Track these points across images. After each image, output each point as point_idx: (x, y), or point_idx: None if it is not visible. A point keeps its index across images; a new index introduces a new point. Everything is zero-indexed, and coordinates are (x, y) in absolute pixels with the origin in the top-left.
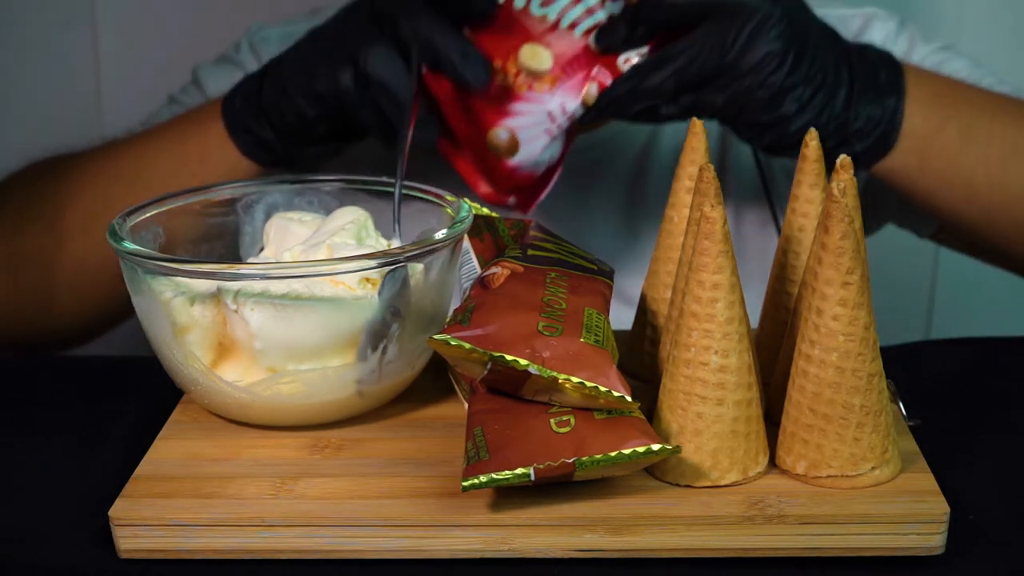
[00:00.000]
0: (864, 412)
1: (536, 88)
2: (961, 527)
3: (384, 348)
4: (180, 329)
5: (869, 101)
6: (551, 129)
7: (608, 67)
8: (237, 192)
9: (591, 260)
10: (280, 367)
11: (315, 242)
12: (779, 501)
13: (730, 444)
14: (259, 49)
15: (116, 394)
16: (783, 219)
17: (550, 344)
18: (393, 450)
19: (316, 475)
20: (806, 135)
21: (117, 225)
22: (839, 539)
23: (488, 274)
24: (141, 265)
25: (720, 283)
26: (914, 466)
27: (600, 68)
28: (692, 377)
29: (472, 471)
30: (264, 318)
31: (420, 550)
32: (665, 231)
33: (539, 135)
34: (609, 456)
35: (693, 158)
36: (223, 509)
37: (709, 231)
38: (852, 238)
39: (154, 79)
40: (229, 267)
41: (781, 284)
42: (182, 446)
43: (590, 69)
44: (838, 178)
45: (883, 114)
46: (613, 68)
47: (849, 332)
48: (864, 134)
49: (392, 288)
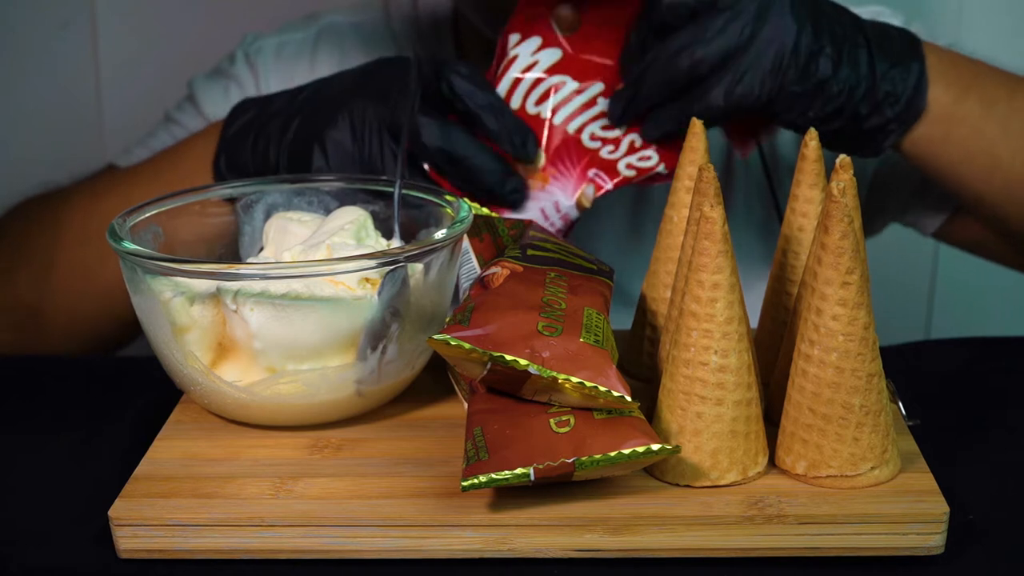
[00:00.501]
0: (864, 412)
1: (531, 184)
2: (961, 527)
3: (384, 348)
4: (180, 329)
5: (892, 65)
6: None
7: (607, 170)
8: (237, 192)
9: (591, 260)
10: (280, 367)
11: (315, 242)
12: (779, 501)
13: (730, 444)
14: (254, 60)
15: (116, 394)
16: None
17: (550, 344)
18: (393, 450)
19: (316, 475)
20: (806, 135)
21: (117, 225)
22: (839, 539)
23: (488, 274)
24: (141, 265)
25: (720, 283)
26: (914, 466)
27: (598, 171)
28: (692, 377)
29: (472, 471)
30: (264, 318)
31: (420, 550)
32: (665, 231)
33: None
34: (609, 456)
35: (693, 158)
36: (223, 509)
37: (709, 231)
38: (852, 238)
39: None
40: (229, 267)
41: (781, 284)
42: (182, 446)
43: (586, 170)
44: (838, 178)
45: (908, 77)
46: (612, 171)
47: (849, 332)
48: (894, 98)
49: (392, 288)
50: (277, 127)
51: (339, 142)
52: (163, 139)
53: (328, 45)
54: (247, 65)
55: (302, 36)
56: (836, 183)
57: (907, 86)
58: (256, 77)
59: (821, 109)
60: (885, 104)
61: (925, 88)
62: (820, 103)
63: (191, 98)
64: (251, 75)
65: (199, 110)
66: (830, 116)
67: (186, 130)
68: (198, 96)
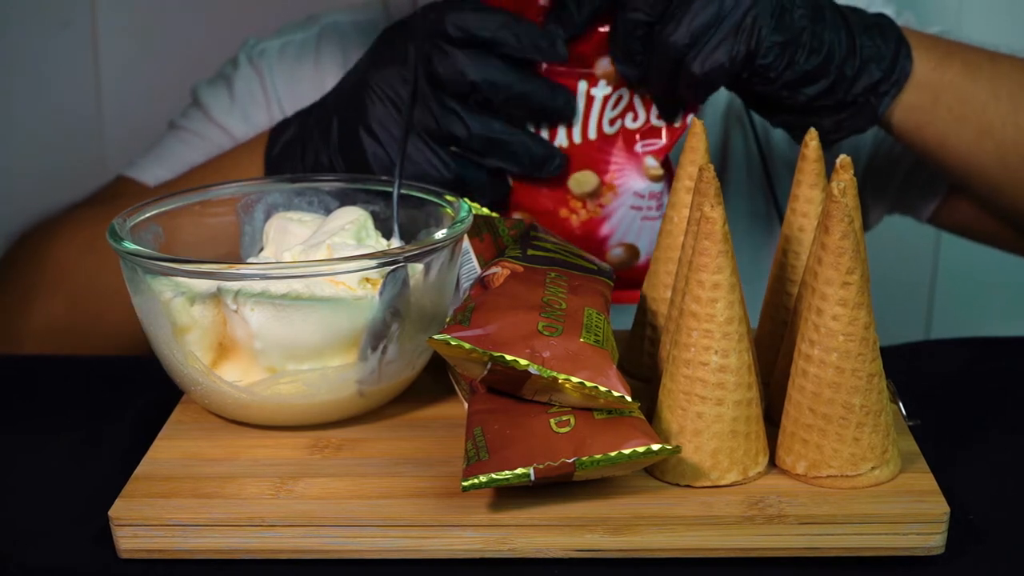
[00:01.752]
0: (864, 412)
1: (604, 201)
2: (961, 527)
3: (384, 348)
4: (180, 329)
5: (867, 28)
6: (649, 215)
7: (646, 134)
8: (237, 192)
9: (591, 260)
10: (280, 367)
11: (315, 242)
12: (779, 501)
13: (730, 444)
14: (258, 62)
15: (116, 394)
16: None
17: (550, 344)
18: (393, 450)
19: (316, 475)
20: (806, 135)
21: (117, 225)
22: (839, 539)
23: (488, 274)
24: (141, 265)
25: (720, 283)
26: (914, 466)
27: (642, 141)
28: (692, 377)
29: (472, 471)
30: (264, 318)
31: (420, 550)
32: (665, 231)
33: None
34: (609, 456)
35: (693, 158)
36: (223, 509)
37: (709, 231)
38: (852, 238)
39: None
40: (229, 267)
41: (781, 284)
42: (182, 446)
43: (631, 148)
44: (838, 178)
45: (888, 39)
46: (651, 131)
47: (849, 332)
48: (879, 57)
49: (392, 288)
50: (320, 135)
51: (380, 118)
52: (174, 147)
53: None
54: (251, 68)
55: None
56: (836, 183)
57: (888, 47)
58: (262, 79)
59: (804, 62)
60: (871, 64)
61: (908, 50)
62: (802, 54)
63: (198, 105)
64: (256, 77)
65: (208, 116)
66: (817, 72)
67: (199, 136)
68: (205, 102)
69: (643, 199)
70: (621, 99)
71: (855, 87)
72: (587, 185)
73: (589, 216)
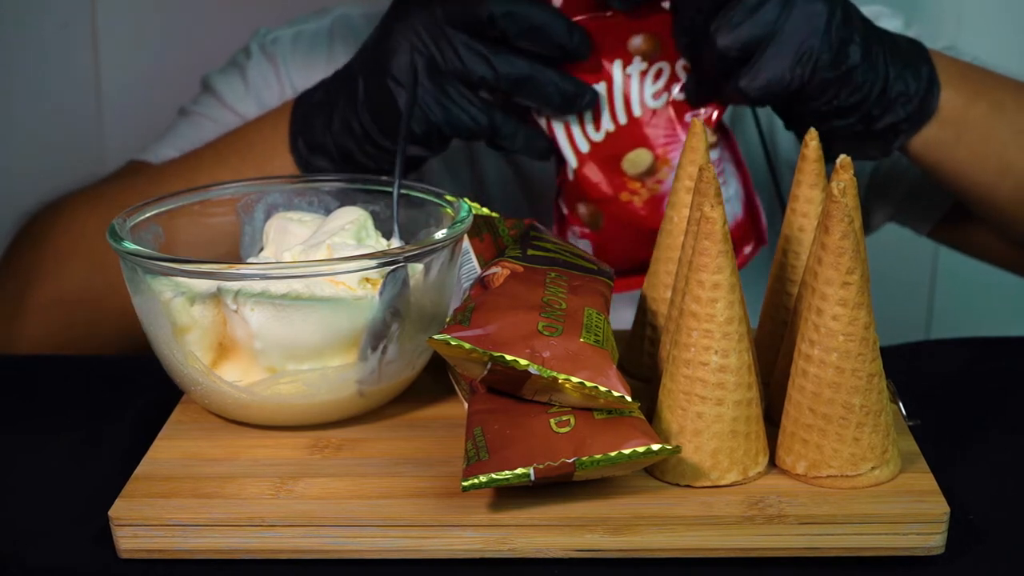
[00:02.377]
0: (864, 412)
1: (661, 176)
2: (961, 527)
3: (384, 348)
4: (180, 329)
5: (904, 65)
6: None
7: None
8: (237, 192)
9: (591, 260)
10: (280, 367)
11: (315, 242)
12: (779, 501)
13: (730, 444)
14: (271, 51)
15: (116, 394)
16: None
17: (550, 344)
18: (393, 450)
19: (316, 475)
20: (806, 135)
21: (117, 225)
22: (839, 539)
23: (488, 274)
24: (141, 265)
25: (720, 283)
26: (914, 466)
27: (693, 114)
28: (692, 377)
29: (472, 471)
30: (264, 318)
31: (420, 550)
32: (665, 231)
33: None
34: (609, 456)
35: (693, 158)
36: (223, 509)
37: (709, 231)
38: (852, 238)
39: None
40: (229, 267)
41: (781, 284)
42: (182, 446)
43: (681, 119)
44: (838, 178)
45: (920, 78)
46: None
47: (849, 332)
48: (906, 98)
49: (392, 288)
50: (346, 99)
51: (405, 67)
52: (187, 131)
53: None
54: (264, 56)
55: (316, 26)
56: (836, 183)
57: (919, 86)
58: (275, 67)
59: (846, 99)
60: (898, 104)
61: (937, 89)
62: (846, 92)
63: (210, 91)
64: (270, 65)
65: (221, 102)
66: (847, 109)
67: (212, 120)
68: (217, 89)
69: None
70: (662, 72)
71: (878, 123)
72: (642, 164)
73: (650, 194)
